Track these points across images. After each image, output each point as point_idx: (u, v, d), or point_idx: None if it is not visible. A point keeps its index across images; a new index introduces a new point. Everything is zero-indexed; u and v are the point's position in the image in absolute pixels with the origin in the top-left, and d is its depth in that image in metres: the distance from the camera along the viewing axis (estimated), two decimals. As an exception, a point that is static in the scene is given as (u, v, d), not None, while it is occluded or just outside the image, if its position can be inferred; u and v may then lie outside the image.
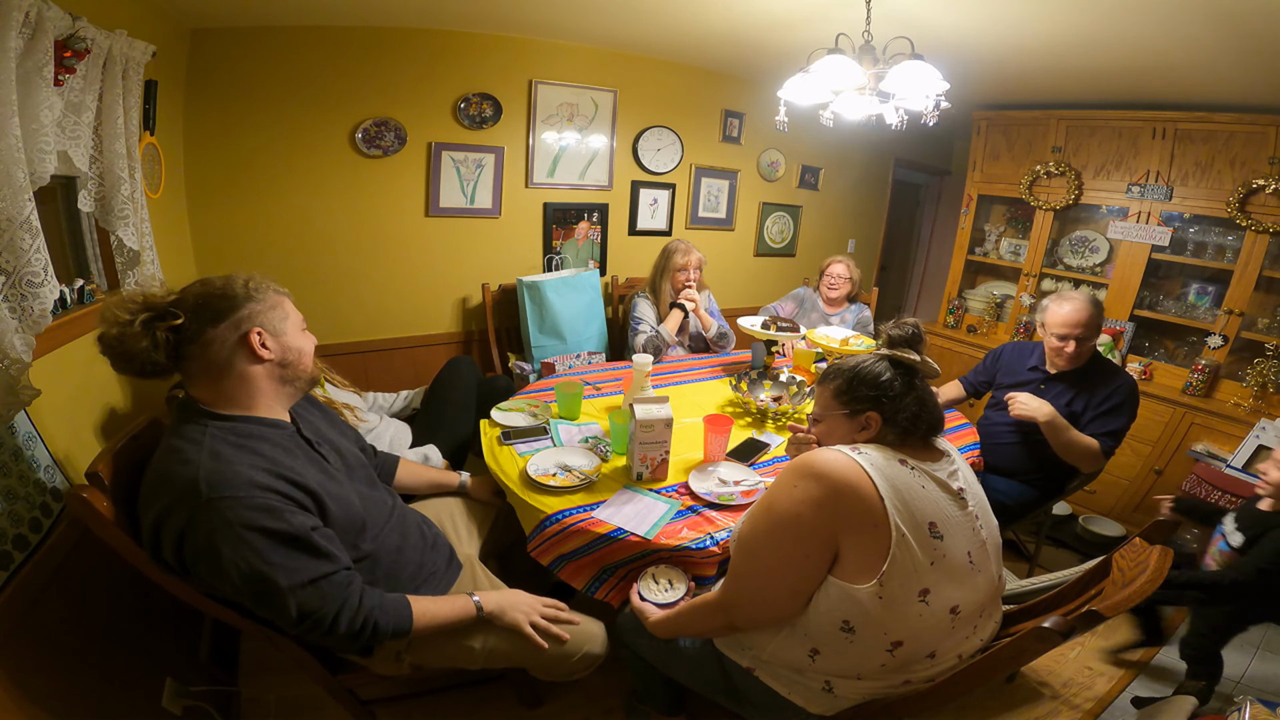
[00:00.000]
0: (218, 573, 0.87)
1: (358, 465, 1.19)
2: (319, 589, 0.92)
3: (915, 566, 0.87)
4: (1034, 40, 2.13)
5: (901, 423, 0.99)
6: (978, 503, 0.99)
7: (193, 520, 0.85)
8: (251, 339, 0.98)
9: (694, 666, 1.16)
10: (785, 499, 0.92)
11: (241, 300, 0.99)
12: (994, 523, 1.02)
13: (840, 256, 2.78)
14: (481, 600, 1.14)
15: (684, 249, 2.46)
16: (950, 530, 0.91)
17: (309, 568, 0.92)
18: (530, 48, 2.66)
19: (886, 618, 0.88)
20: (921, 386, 1.03)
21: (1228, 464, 2.20)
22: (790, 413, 1.83)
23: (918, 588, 0.88)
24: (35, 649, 1.03)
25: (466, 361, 2.18)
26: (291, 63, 2.26)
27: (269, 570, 0.87)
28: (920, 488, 0.91)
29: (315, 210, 2.45)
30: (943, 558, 0.89)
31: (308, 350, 1.08)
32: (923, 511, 0.89)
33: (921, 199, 4.93)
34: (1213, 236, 2.60)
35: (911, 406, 0.99)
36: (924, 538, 0.88)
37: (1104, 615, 0.84)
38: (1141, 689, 1.72)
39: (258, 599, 0.90)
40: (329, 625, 0.94)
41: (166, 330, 0.94)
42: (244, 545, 0.86)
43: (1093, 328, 1.79)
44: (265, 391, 1.02)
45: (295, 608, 0.90)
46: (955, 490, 0.95)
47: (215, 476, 0.87)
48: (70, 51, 1.24)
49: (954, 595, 0.91)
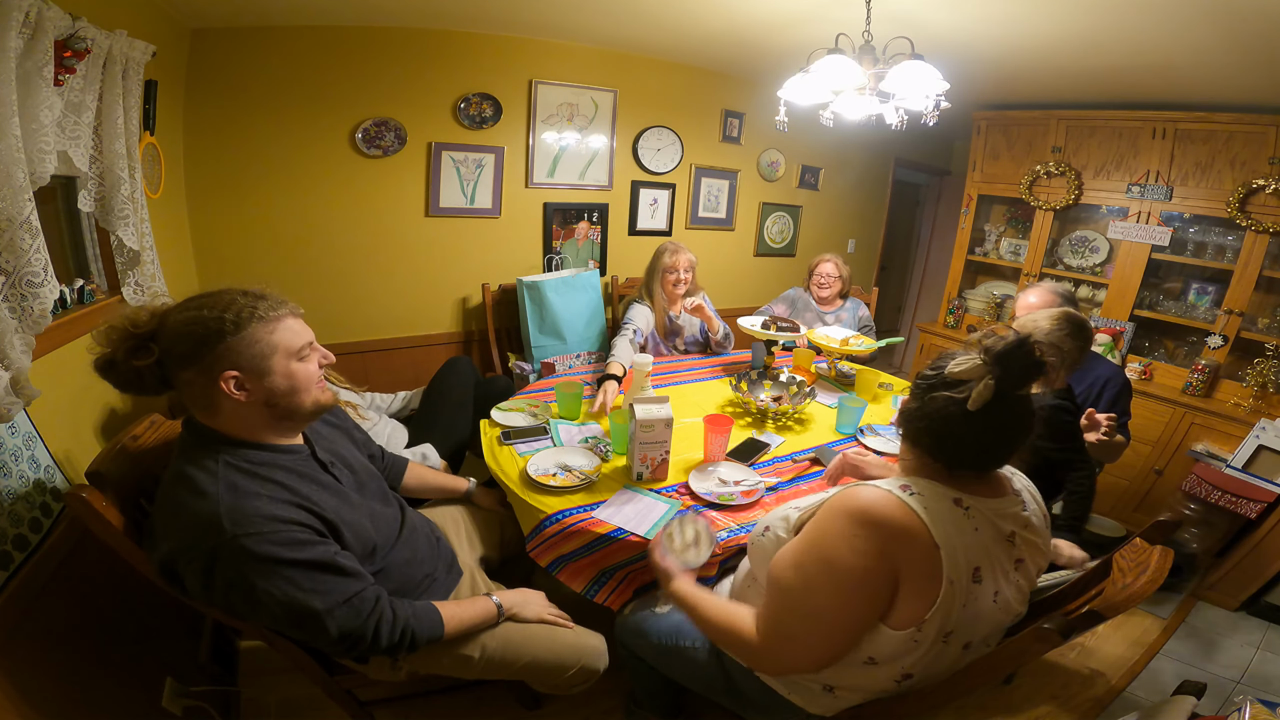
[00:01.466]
0: (253, 605, 0.86)
1: (370, 480, 1.17)
2: (353, 607, 0.93)
3: (952, 612, 0.84)
4: (1034, 40, 2.13)
5: (950, 453, 0.88)
6: (1028, 543, 0.91)
7: (218, 557, 0.84)
8: (221, 385, 0.88)
9: (694, 667, 1.15)
10: (846, 551, 0.83)
11: (214, 340, 0.87)
12: (1041, 564, 0.95)
13: (828, 255, 2.78)
14: (501, 600, 1.18)
15: (673, 249, 2.42)
16: (989, 574, 0.86)
17: (341, 588, 0.92)
18: (530, 48, 2.66)
19: (908, 656, 0.87)
20: (995, 414, 0.85)
21: (1228, 464, 2.20)
22: (790, 413, 1.83)
23: (946, 630, 0.85)
24: (35, 649, 1.03)
25: (465, 361, 2.18)
26: (291, 63, 2.26)
27: (304, 597, 0.88)
28: (973, 531, 0.85)
29: (315, 210, 2.45)
30: (975, 600, 0.85)
31: (301, 383, 0.95)
32: (970, 557, 0.84)
33: (921, 199, 4.93)
34: (1213, 236, 2.60)
35: (964, 437, 0.86)
36: (966, 583, 0.83)
37: (1104, 615, 0.84)
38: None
39: (297, 625, 0.90)
40: (370, 640, 0.95)
41: (148, 363, 0.90)
42: (276, 576, 0.86)
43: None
44: (261, 425, 0.95)
45: (335, 628, 0.91)
46: (1007, 534, 0.88)
47: (237, 513, 0.85)
48: (70, 51, 1.24)
49: (971, 633, 0.89)
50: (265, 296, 0.94)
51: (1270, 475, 2.10)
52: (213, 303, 0.90)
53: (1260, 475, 2.11)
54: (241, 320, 0.89)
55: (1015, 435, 0.87)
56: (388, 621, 0.97)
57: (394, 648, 0.99)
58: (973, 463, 0.89)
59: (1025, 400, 0.86)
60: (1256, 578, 2.07)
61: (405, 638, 1.00)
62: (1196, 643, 1.95)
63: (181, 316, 0.90)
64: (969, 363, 0.84)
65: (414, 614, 1.02)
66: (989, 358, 0.83)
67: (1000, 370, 0.82)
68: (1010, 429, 0.86)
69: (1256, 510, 2.10)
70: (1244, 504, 2.12)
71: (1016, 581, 0.90)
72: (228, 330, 0.88)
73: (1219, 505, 2.18)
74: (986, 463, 0.90)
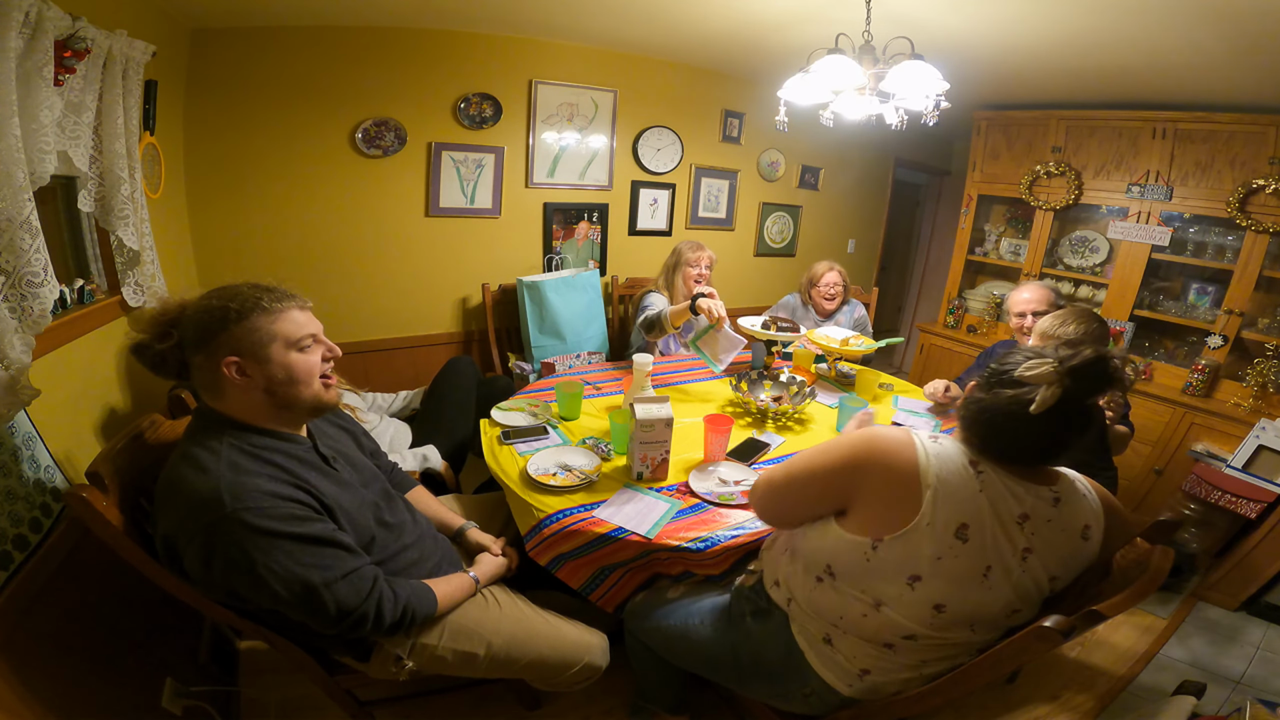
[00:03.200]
0: (254, 581, 0.87)
1: (373, 480, 1.18)
2: (352, 583, 0.95)
3: (919, 553, 0.88)
4: (1034, 40, 2.13)
5: (1002, 446, 0.91)
6: (1043, 538, 0.90)
7: (218, 532, 0.85)
8: (224, 369, 0.93)
9: (702, 647, 1.18)
10: (833, 449, 0.98)
11: (218, 327, 0.93)
12: (1055, 571, 0.93)
13: (829, 262, 2.77)
14: (477, 574, 1.23)
15: (694, 245, 2.48)
16: (980, 540, 0.87)
17: (340, 563, 0.94)
18: (530, 48, 2.66)
19: (866, 578, 0.93)
20: (1056, 419, 0.86)
21: (1228, 464, 2.20)
22: (790, 412, 1.83)
23: (910, 571, 0.89)
24: (35, 649, 1.03)
25: (466, 361, 2.18)
26: (291, 63, 2.26)
27: (303, 571, 0.90)
28: (977, 492, 0.88)
29: (315, 210, 2.45)
30: (954, 559, 0.88)
31: (298, 374, 0.97)
32: (960, 511, 0.87)
33: (921, 199, 4.93)
34: (1213, 236, 2.60)
35: (1021, 436, 0.88)
36: (947, 535, 0.87)
37: (1104, 615, 0.84)
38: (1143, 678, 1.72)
39: (298, 601, 0.91)
40: (374, 619, 0.98)
41: (169, 346, 0.98)
42: (276, 550, 0.88)
43: (1047, 304, 1.92)
44: (264, 411, 0.98)
45: (334, 604, 0.93)
46: (1017, 515, 0.88)
47: (237, 488, 0.87)
48: (70, 51, 1.24)
49: (944, 594, 0.90)
50: (273, 289, 0.99)
51: (1270, 475, 2.10)
52: (223, 294, 0.97)
53: (1260, 475, 2.11)
54: (245, 310, 0.94)
55: (1066, 440, 0.89)
56: (389, 600, 1.00)
57: (397, 625, 1.01)
58: (1019, 458, 0.91)
59: (1088, 411, 0.88)
60: (1256, 578, 2.07)
61: (407, 615, 1.03)
62: (1196, 642, 1.95)
63: (197, 305, 0.97)
64: (1042, 367, 0.86)
65: (413, 592, 1.06)
66: (1063, 369, 0.84)
67: (1072, 382, 0.84)
68: (1062, 435, 0.88)
69: (1256, 510, 2.10)
70: (1244, 504, 2.12)
71: (1018, 573, 0.90)
72: (231, 318, 0.93)
73: (1219, 505, 2.18)
74: (1033, 460, 0.92)
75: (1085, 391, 0.85)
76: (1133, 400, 1.89)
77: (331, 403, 1.04)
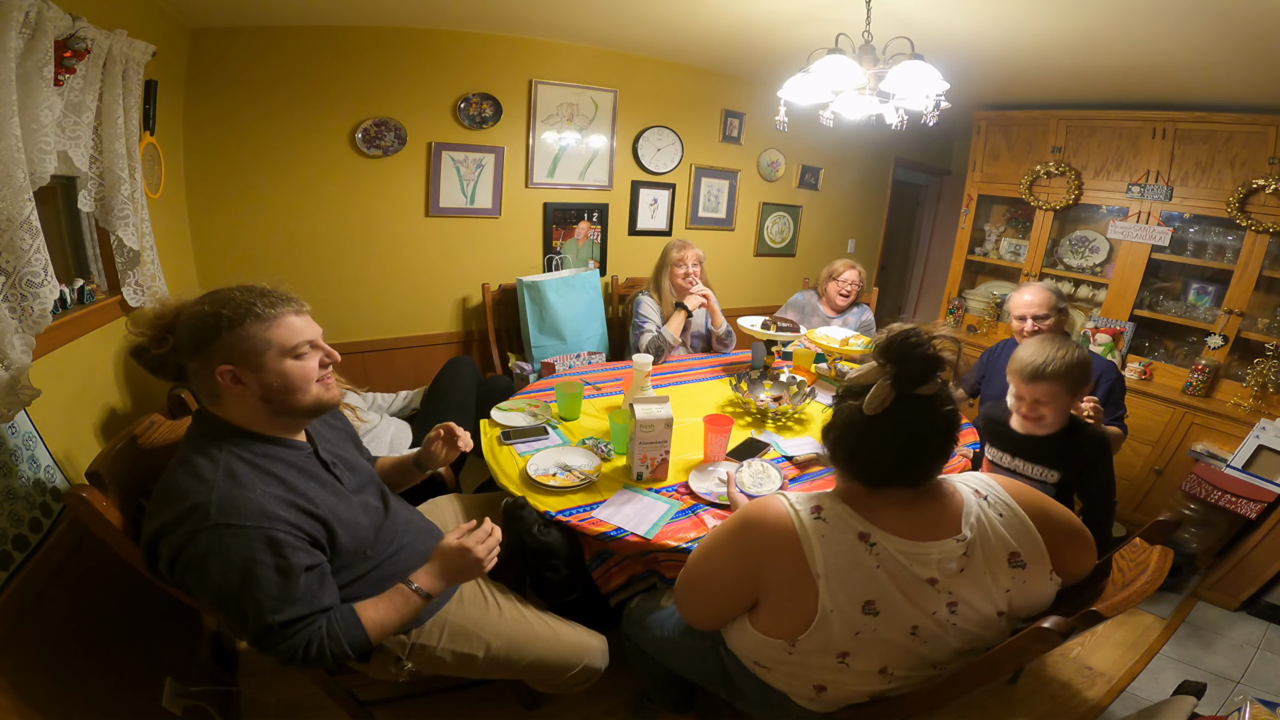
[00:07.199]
0: (201, 586, 0.86)
1: (369, 482, 1.17)
2: (286, 635, 0.88)
3: (834, 638, 0.84)
4: (1034, 40, 2.13)
5: (861, 468, 0.84)
6: (974, 587, 0.84)
7: (194, 538, 0.84)
8: (217, 378, 0.91)
9: (693, 658, 1.16)
10: (725, 545, 0.91)
11: (210, 335, 0.90)
12: (1000, 607, 0.86)
13: (848, 260, 2.77)
14: (421, 586, 1.02)
15: (680, 244, 2.46)
16: (892, 610, 0.83)
17: (289, 608, 0.88)
18: (530, 48, 2.66)
19: (798, 668, 0.90)
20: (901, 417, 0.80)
21: (1228, 464, 2.20)
22: (790, 412, 1.83)
23: (836, 651, 0.86)
24: (35, 649, 1.03)
25: (466, 361, 2.18)
26: (291, 63, 2.26)
27: (246, 605, 0.86)
28: (874, 567, 0.81)
29: (315, 210, 2.45)
30: (873, 632, 0.84)
31: (294, 381, 0.95)
32: (862, 590, 0.82)
33: (921, 199, 4.93)
34: (1213, 236, 2.60)
35: (874, 448, 0.82)
36: (855, 614, 0.83)
37: (1104, 615, 0.84)
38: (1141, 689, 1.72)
39: (226, 615, 0.90)
40: (289, 658, 0.90)
41: (164, 351, 0.97)
42: (234, 573, 0.84)
43: (1048, 308, 1.88)
44: (262, 417, 0.96)
45: (254, 635, 0.88)
46: (925, 579, 0.82)
47: (228, 502, 0.85)
48: (70, 51, 1.24)
49: (882, 659, 0.88)
50: (267, 294, 0.95)
51: (1270, 475, 2.10)
52: (216, 299, 0.94)
53: (1260, 475, 2.11)
54: (238, 317, 0.91)
55: (930, 441, 0.81)
56: (316, 644, 0.90)
57: (312, 663, 0.92)
58: (893, 477, 0.83)
59: (933, 400, 0.81)
60: (1256, 578, 2.07)
61: (325, 654, 0.92)
62: (1196, 643, 1.95)
63: (190, 311, 0.94)
64: (868, 367, 0.82)
65: (344, 625, 0.94)
66: (881, 357, 0.80)
67: (894, 367, 0.78)
68: (922, 434, 0.81)
69: (1256, 510, 2.10)
70: (1244, 504, 2.12)
71: (952, 622, 0.85)
72: (224, 325, 0.91)
73: (1219, 505, 2.18)
74: (910, 476, 0.83)
75: (912, 377, 0.79)
76: (1132, 400, 1.87)
77: (333, 401, 1.02)
